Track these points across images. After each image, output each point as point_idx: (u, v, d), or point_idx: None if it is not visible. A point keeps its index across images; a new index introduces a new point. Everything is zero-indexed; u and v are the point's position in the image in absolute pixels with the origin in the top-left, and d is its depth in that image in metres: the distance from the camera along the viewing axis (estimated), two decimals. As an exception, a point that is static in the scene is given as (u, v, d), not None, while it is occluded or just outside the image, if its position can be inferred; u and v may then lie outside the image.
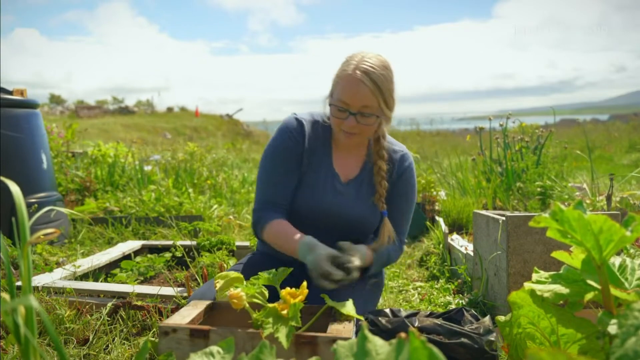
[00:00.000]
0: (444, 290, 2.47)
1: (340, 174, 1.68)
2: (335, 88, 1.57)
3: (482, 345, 1.42)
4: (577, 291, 1.12)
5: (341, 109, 1.54)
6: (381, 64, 1.55)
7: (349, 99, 1.52)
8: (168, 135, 18.71)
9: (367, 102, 1.52)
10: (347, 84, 1.52)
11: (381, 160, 1.65)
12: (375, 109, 1.54)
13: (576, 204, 1.01)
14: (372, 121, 1.56)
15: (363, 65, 1.52)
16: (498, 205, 3.85)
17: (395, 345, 0.67)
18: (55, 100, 38.07)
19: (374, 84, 1.51)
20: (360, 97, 1.51)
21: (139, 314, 1.91)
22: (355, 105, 1.52)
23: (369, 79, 1.51)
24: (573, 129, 13.79)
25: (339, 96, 1.54)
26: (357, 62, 1.53)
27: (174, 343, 1.22)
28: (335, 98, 1.56)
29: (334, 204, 1.65)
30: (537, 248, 1.90)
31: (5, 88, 3.45)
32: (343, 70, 1.55)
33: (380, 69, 1.53)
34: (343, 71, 1.55)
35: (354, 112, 1.53)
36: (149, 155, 7.72)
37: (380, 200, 1.65)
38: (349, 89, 1.52)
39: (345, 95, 1.52)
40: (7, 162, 3.22)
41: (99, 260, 2.56)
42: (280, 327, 1.14)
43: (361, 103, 1.52)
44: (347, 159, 1.70)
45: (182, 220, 3.62)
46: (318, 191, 1.65)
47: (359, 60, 1.53)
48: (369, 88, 1.51)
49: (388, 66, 1.57)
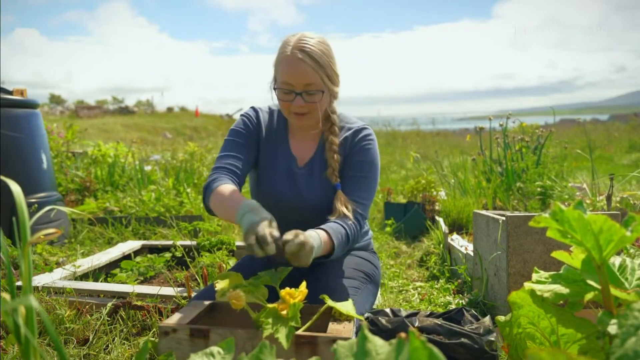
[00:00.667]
0: (444, 290, 2.47)
1: (298, 156, 1.71)
2: (277, 72, 1.59)
3: (482, 346, 1.42)
4: (577, 291, 1.12)
5: (286, 90, 1.57)
6: (317, 40, 1.57)
7: (292, 79, 1.54)
8: (168, 135, 18.71)
9: (310, 79, 1.54)
10: (287, 65, 1.54)
11: (332, 136, 1.66)
12: (319, 85, 1.56)
13: (576, 204, 1.01)
14: (319, 98, 1.58)
15: (299, 44, 1.54)
16: (498, 205, 3.85)
17: (395, 345, 0.67)
18: (55, 100, 38.06)
19: (313, 60, 1.53)
20: (302, 75, 1.53)
21: (139, 314, 1.91)
22: (299, 84, 1.55)
23: (308, 56, 1.53)
24: (573, 129, 13.79)
25: (281, 78, 1.56)
26: (293, 43, 1.55)
27: (174, 343, 1.22)
28: (279, 82, 1.58)
29: (293, 187, 1.68)
30: (537, 248, 1.90)
31: (5, 88, 3.45)
32: (281, 54, 1.57)
33: (317, 45, 1.55)
34: (281, 54, 1.57)
35: (299, 91, 1.56)
36: (149, 155, 7.72)
37: (333, 174, 1.64)
38: (290, 69, 1.54)
39: (287, 76, 1.55)
40: (7, 162, 3.22)
41: (99, 260, 2.56)
42: (280, 327, 1.14)
43: (304, 81, 1.54)
44: (304, 143, 1.73)
45: (182, 220, 3.62)
46: (277, 176, 1.69)
47: (295, 41, 1.55)
48: (309, 65, 1.53)
49: (325, 41, 1.59)
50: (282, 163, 1.70)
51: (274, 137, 1.73)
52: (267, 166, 1.71)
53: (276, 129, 1.74)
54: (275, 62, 1.61)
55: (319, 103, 1.59)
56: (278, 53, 1.60)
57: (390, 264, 3.09)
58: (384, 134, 13.37)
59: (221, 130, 20.44)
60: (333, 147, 1.66)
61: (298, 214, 1.67)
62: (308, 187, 1.67)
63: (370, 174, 1.67)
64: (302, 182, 1.68)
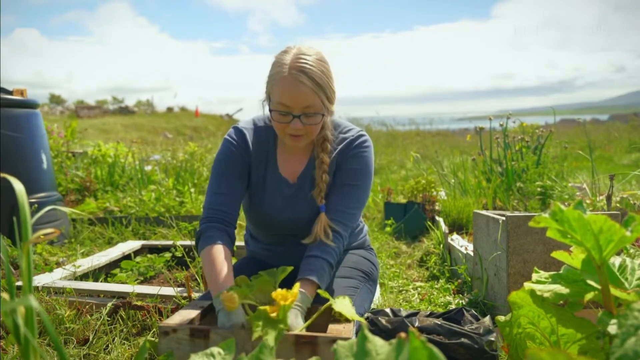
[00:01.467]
0: (444, 290, 2.47)
1: (288, 175, 1.64)
2: (272, 92, 1.47)
3: (482, 346, 1.42)
4: (577, 291, 1.12)
5: (283, 112, 1.46)
6: (315, 58, 1.46)
7: (290, 101, 1.44)
8: (168, 135, 18.72)
9: (309, 102, 1.44)
10: (285, 86, 1.43)
11: (323, 153, 1.58)
12: (318, 107, 1.47)
13: (576, 204, 1.01)
14: (318, 120, 1.49)
15: (297, 63, 1.43)
16: (498, 205, 3.85)
17: (395, 345, 0.67)
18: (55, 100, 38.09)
19: (313, 81, 1.43)
20: (302, 97, 1.43)
21: (139, 314, 1.91)
22: (298, 106, 1.44)
23: (307, 77, 1.42)
24: (573, 129, 13.79)
25: (279, 99, 1.45)
26: (291, 60, 1.44)
27: (174, 343, 1.22)
28: (275, 102, 1.46)
29: (286, 212, 1.63)
30: (537, 248, 1.90)
31: (5, 88, 3.45)
32: (277, 72, 1.45)
33: (316, 64, 1.45)
34: (278, 73, 1.45)
35: (297, 114, 1.45)
36: (149, 155, 7.72)
37: (319, 195, 1.57)
38: (288, 91, 1.43)
39: (285, 98, 1.44)
40: (7, 162, 3.22)
41: (99, 260, 2.56)
42: (269, 329, 1.14)
43: (303, 104, 1.44)
44: (294, 156, 1.65)
45: (183, 220, 3.62)
46: (266, 197, 1.63)
47: (292, 60, 1.44)
48: (308, 87, 1.42)
49: (323, 58, 1.49)
50: (271, 184, 1.64)
51: (263, 156, 1.64)
52: (256, 186, 1.65)
53: (264, 147, 1.64)
54: (270, 80, 1.49)
55: (317, 125, 1.50)
56: (273, 71, 1.48)
57: (390, 264, 3.09)
58: (383, 134, 13.38)
59: (221, 130, 20.45)
60: (323, 166, 1.58)
61: (289, 229, 1.66)
62: (297, 205, 1.63)
63: (363, 182, 1.61)
64: (291, 200, 1.63)
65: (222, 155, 1.62)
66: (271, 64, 1.51)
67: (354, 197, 1.59)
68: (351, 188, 1.59)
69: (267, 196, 1.64)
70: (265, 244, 1.78)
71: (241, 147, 1.61)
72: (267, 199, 1.64)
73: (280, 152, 1.65)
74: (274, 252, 1.76)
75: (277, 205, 1.63)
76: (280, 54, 1.50)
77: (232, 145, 1.62)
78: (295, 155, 1.65)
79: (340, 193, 1.59)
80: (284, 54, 1.48)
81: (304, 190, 1.63)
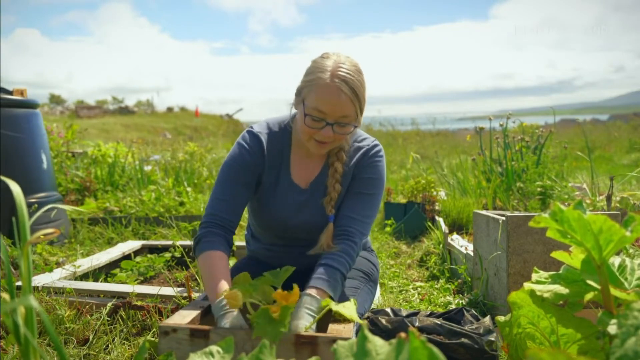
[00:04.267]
0: (444, 290, 2.47)
1: (300, 180, 1.63)
2: (309, 95, 1.45)
3: (483, 346, 1.42)
4: (577, 291, 1.12)
5: (317, 118, 1.44)
6: (355, 68, 1.46)
7: (328, 109, 1.43)
8: (168, 135, 18.73)
9: (346, 111, 1.44)
10: (326, 93, 1.42)
11: (338, 162, 1.58)
12: (352, 118, 1.46)
13: (576, 204, 1.01)
14: (349, 130, 1.49)
15: (340, 72, 1.42)
16: (498, 205, 3.85)
17: (395, 345, 0.67)
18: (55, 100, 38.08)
19: (353, 92, 1.43)
20: (340, 107, 1.42)
21: (139, 314, 1.91)
22: (334, 115, 1.44)
23: (348, 87, 1.42)
24: (573, 129, 13.79)
25: (315, 105, 1.43)
26: (332, 68, 1.43)
27: (174, 343, 1.22)
28: (310, 107, 1.44)
29: (296, 216, 1.62)
30: (537, 248, 1.90)
31: (5, 88, 3.45)
32: (318, 78, 1.44)
33: (356, 75, 1.45)
34: (318, 79, 1.44)
35: (331, 122, 1.45)
36: (149, 155, 7.72)
37: (329, 204, 1.57)
38: (328, 99, 1.42)
39: (324, 105, 1.42)
40: (7, 162, 3.22)
41: (99, 260, 2.56)
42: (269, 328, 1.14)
43: (340, 113, 1.43)
44: (307, 161, 1.63)
45: (182, 220, 3.62)
46: (279, 206, 1.61)
47: (334, 67, 1.43)
48: (348, 97, 1.42)
49: (360, 70, 1.49)
50: (282, 189, 1.62)
51: (276, 161, 1.62)
52: (267, 190, 1.63)
53: (278, 152, 1.62)
54: (308, 84, 1.47)
55: (347, 135, 1.50)
56: (313, 75, 1.45)
57: (390, 264, 3.09)
58: (384, 134, 13.38)
59: (221, 130, 20.45)
60: (336, 175, 1.57)
61: (296, 233, 1.66)
62: (307, 212, 1.62)
63: (377, 190, 1.61)
64: (302, 207, 1.62)
65: (232, 161, 1.59)
66: (308, 67, 1.50)
67: (369, 205, 1.59)
68: (366, 197, 1.59)
69: (277, 201, 1.62)
70: (267, 244, 1.77)
71: (255, 153, 1.59)
72: (277, 204, 1.62)
73: (294, 157, 1.63)
74: (275, 252, 1.76)
75: (287, 211, 1.62)
76: (319, 59, 1.48)
77: (244, 149, 1.59)
78: (309, 162, 1.63)
79: (355, 201, 1.58)
80: (324, 60, 1.47)
81: (315, 197, 1.62)
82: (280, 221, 1.63)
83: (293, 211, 1.62)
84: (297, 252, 1.68)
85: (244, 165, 1.58)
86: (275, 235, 1.72)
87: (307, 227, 1.62)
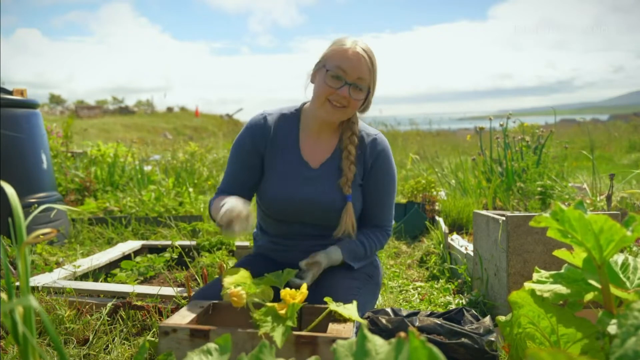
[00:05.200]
0: (444, 290, 2.47)
1: (310, 160, 1.69)
2: (331, 58, 1.59)
3: (483, 346, 1.42)
4: (578, 291, 1.12)
5: (337, 76, 1.56)
6: (371, 49, 1.63)
7: (349, 67, 1.56)
8: (168, 135, 18.73)
9: (364, 74, 1.57)
10: (347, 54, 1.56)
11: (351, 145, 1.66)
12: (368, 84, 1.60)
13: (576, 204, 1.01)
14: (362, 96, 1.61)
15: (359, 44, 1.59)
16: (498, 205, 3.85)
17: (395, 345, 0.67)
18: (55, 100, 38.08)
19: (370, 60, 1.59)
20: (360, 68, 1.56)
21: (139, 314, 1.91)
22: (353, 75, 1.56)
23: (367, 55, 1.59)
24: (573, 129, 13.78)
25: (337, 63, 1.56)
26: (352, 41, 1.60)
27: (174, 343, 1.22)
28: (332, 65, 1.57)
29: (304, 192, 1.65)
30: (537, 248, 1.90)
31: (5, 88, 3.44)
32: (340, 46, 1.59)
33: (372, 52, 1.62)
34: (340, 46, 1.59)
35: (350, 82, 1.57)
36: (149, 155, 7.72)
37: (346, 184, 1.64)
38: (350, 59, 1.56)
39: (345, 64, 1.56)
40: (7, 162, 3.22)
41: (99, 260, 2.56)
42: (277, 326, 1.14)
43: (358, 74, 1.56)
44: (317, 144, 1.70)
45: (182, 220, 3.62)
46: (287, 181, 1.66)
47: (353, 41, 1.60)
48: (366, 62, 1.58)
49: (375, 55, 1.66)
50: (290, 165, 1.67)
51: (285, 142, 1.69)
52: (277, 172, 1.68)
53: (287, 131, 1.70)
54: (328, 52, 1.61)
55: (359, 101, 1.61)
56: (334, 46, 1.61)
57: (390, 264, 3.09)
58: (384, 134, 13.36)
59: (221, 130, 20.45)
60: (350, 157, 1.65)
61: (304, 212, 1.66)
62: (321, 192, 1.65)
63: (391, 189, 1.74)
64: (314, 187, 1.65)
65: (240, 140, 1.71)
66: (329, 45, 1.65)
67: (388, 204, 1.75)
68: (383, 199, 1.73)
69: (285, 174, 1.67)
70: (274, 237, 1.77)
71: (262, 133, 1.69)
72: (285, 177, 1.67)
73: (303, 137, 1.71)
74: (281, 246, 1.75)
75: (293, 184, 1.66)
76: (340, 37, 1.65)
77: (252, 130, 1.70)
78: (320, 144, 1.70)
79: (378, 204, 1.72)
80: (344, 37, 1.64)
81: (325, 178, 1.68)
82: (286, 194, 1.65)
83: (299, 185, 1.66)
84: (303, 245, 1.68)
85: (248, 148, 1.69)
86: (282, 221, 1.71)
87: (312, 205, 1.64)
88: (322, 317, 1.29)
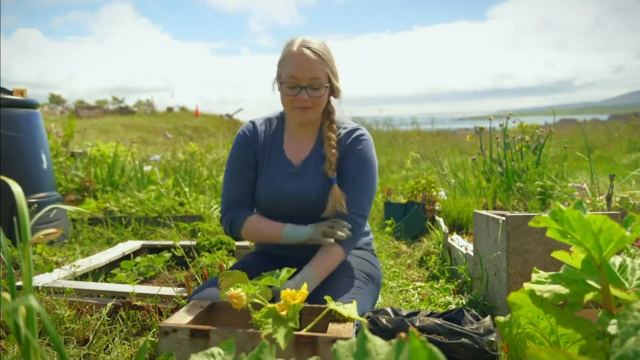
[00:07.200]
0: (444, 290, 2.47)
1: (292, 157, 1.77)
2: (282, 69, 1.66)
3: (483, 346, 1.42)
4: (577, 291, 1.12)
5: (291, 85, 1.63)
6: (319, 41, 1.67)
7: (298, 72, 1.61)
8: (168, 135, 18.72)
9: (315, 73, 1.62)
10: (293, 59, 1.62)
11: (330, 132, 1.73)
12: (324, 79, 1.65)
13: (576, 204, 1.01)
14: (323, 92, 1.66)
15: (304, 43, 1.64)
16: (498, 205, 3.85)
17: (395, 345, 0.67)
18: (55, 100, 38.07)
19: (318, 55, 1.63)
20: (308, 68, 1.61)
21: (139, 314, 1.91)
22: (305, 78, 1.62)
23: (312, 52, 1.63)
24: (573, 129, 13.78)
25: (287, 73, 1.63)
26: (297, 42, 1.65)
27: (174, 343, 1.22)
28: (284, 77, 1.65)
29: (286, 185, 1.73)
30: (537, 248, 1.90)
31: (5, 88, 3.44)
32: (287, 52, 1.66)
33: (319, 44, 1.66)
34: (286, 52, 1.66)
35: (304, 85, 1.63)
36: (149, 155, 7.72)
37: (330, 168, 1.70)
38: (297, 64, 1.62)
39: (294, 70, 1.62)
40: (7, 162, 3.22)
41: (99, 261, 2.56)
42: (279, 327, 1.14)
43: (310, 75, 1.62)
44: (299, 142, 1.79)
45: (182, 220, 3.62)
46: (272, 178, 1.75)
47: (299, 41, 1.65)
48: (314, 60, 1.62)
49: (325, 43, 1.70)
50: (275, 163, 1.77)
51: (270, 143, 1.80)
52: (264, 171, 1.78)
53: (272, 134, 1.81)
54: (280, 61, 1.68)
55: (322, 97, 1.66)
56: (283, 53, 1.68)
57: (390, 264, 3.09)
58: (384, 134, 13.36)
59: (221, 130, 20.45)
60: (331, 142, 1.71)
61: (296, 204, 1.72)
62: (304, 184, 1.72)
63: (367, 175, 1.73)
64: (297, 181, 1.73)
65: (235, 149, 1.81)
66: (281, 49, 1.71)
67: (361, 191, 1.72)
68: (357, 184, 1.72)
69: (273, 172, 1.76)
70: None
71: (252, 138, 1.79)
72: (273, 173, 1.76)
73: (287, 139, 1.80)
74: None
75: (281, 179, 1.74)
76: (288, 40, 1.70)
77: (243, 138, 1.80)
78: (300, 144, 1.79)
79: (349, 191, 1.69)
80: (291, 39, 1.68)
81: (306, 172, 1.76)
82: (276, 188, 1.74)
83: (286, 179, 1.75)
84: None
85: (244, 151, 1.78)
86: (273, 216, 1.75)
87: (296, 199, 1.72)
88: (321, 316, 1.29)
